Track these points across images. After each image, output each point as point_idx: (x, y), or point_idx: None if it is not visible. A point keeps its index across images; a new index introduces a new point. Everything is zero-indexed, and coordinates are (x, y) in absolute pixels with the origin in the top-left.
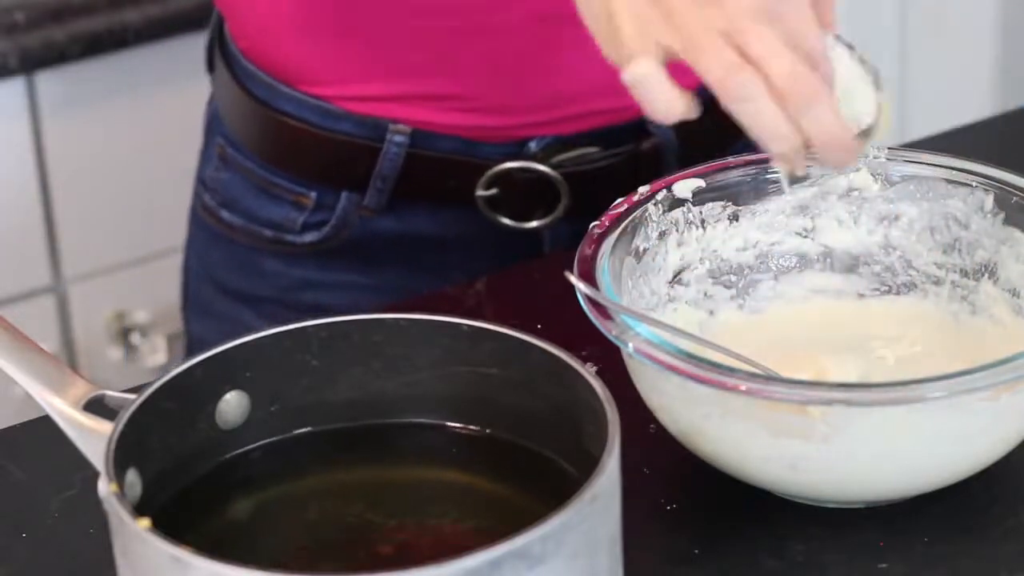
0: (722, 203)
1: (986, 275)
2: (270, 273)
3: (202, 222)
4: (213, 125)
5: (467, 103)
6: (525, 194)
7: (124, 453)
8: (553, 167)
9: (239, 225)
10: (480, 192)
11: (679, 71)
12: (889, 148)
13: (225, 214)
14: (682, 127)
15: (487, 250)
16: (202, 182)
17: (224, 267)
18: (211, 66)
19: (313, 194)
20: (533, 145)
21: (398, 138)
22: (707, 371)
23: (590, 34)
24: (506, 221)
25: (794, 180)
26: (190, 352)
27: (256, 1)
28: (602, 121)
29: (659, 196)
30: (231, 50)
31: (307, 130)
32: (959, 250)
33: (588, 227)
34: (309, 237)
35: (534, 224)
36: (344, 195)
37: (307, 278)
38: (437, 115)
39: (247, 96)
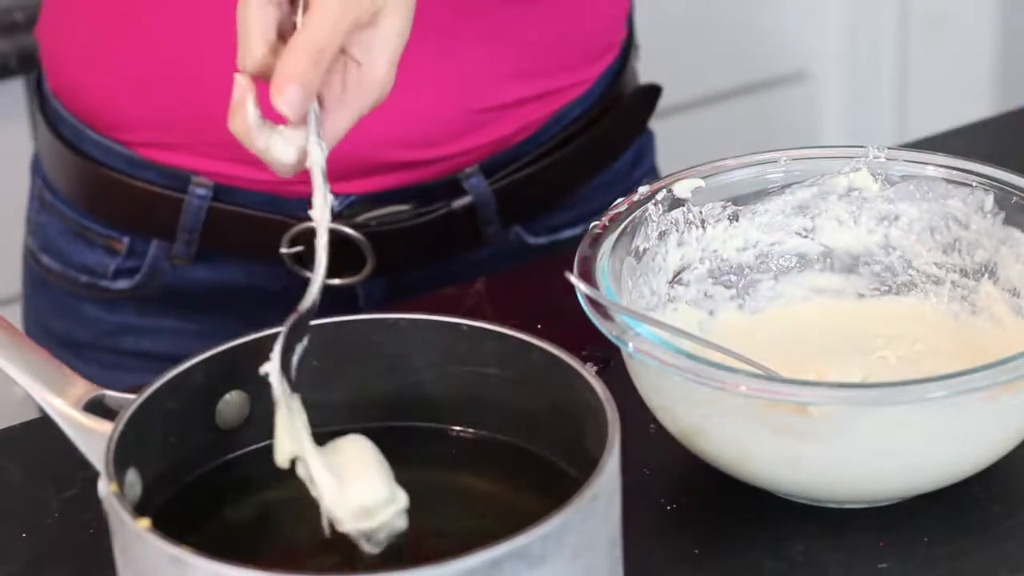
0: (722, 203)
1: (986, 275)
2: (89, 319)
3: (29, 266)
4: (35, 166)
5: None
6: (330, 252)
7: (124, 453)
8: (359, 226)
9: (57, 270)
10: (284, 249)
11: None
12: (889, 148)
13: (45, 258)
14: (502, 183)
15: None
16: (28, 224)
17: (47, 312)
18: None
19: (125, 240)
20: (336, 203)
21: (200, 191)
22: (707, 371)
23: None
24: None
25: None
26: None
27: (59, 40)
28: (410, 178)
29: (659, 196)
30: (44, 89)
31: (113, 177)
32: (959, 250)
33: (402, 283)
34: (121, 284)
35: (341, 282)
36: (154, 243)
37: (126, 323)
38: (235, 167)
39: (57, 139)
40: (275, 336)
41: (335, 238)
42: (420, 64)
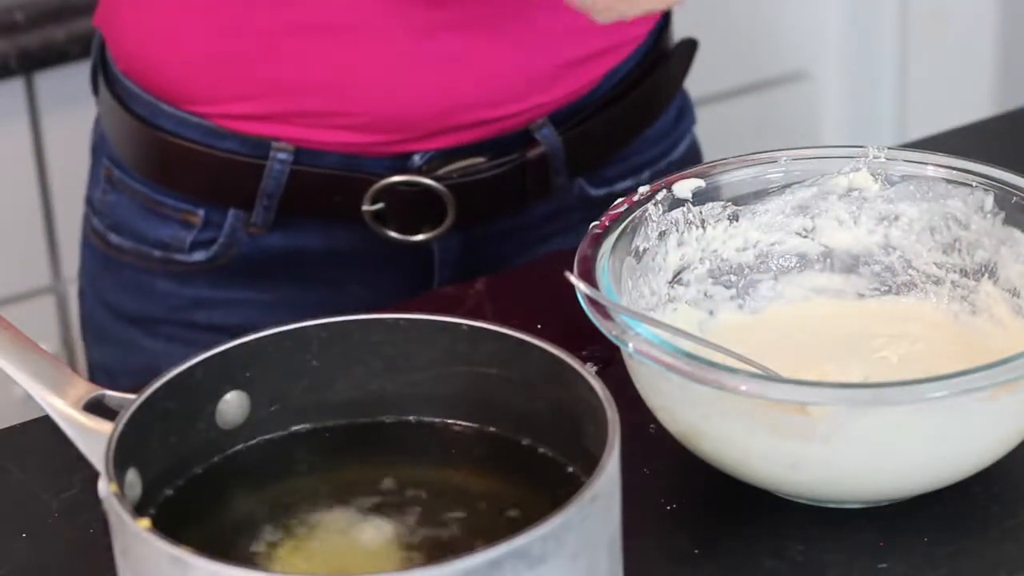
0: (722, 203)
1: (986, 275)
2: (162, 294)
3: (92, 246)
4: (99, 147)
5: (348, 119)
6: (411, 207)
7: (124, 453)
8: (438, 179)
9: (128, 247)
10: (366, 207)
11: None
12: (889, 148)
13: (114, 237)
14: (569, 133)
15: (378, 263)
16: (90, 205)
17: (116, 291)
18: (95, 88)
19: (201, 212)
20: (417, 158)
21: (281, 155)
22: (707, 371)
23: (468, 45)
24: (394, 235)
25: None
26: (93, 380)
27: (133, 22)
28: (487, 132)
29: (659, 196)
30: (112, 71)
31: (190, 148)
32: (959, 250)
33: (475, 237)
34: (198, 256)
35: (422, 237)
36: (231, 212)
37: (200, 297)
38: (319, 132)
39: (130, 116)
40: (275, 336)
41: (416, 191)
42: (498, 24)
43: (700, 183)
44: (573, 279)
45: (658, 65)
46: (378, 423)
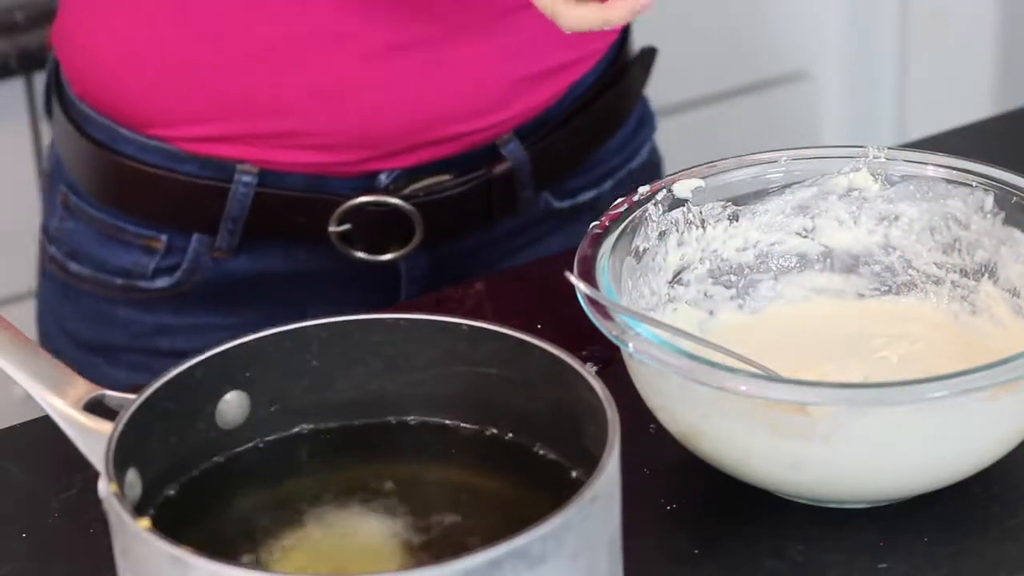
0: (722, 203)
1: (986, 275)
2: (124, 322)
3: (50, 275)
4: (55, 173)
5: (313, 139)
6: (378, 227)
7: (124, 453)
8: (405, 198)
9: (88, 275)
10: (332, 228)
11: None
12: (889, 148)
13: (73, 265)
14: (535, 147)
15: (343, 283)
16: (46, 233)
17: (76, 320)
18: (49, 111)
19: (163, 238)
20: (383, 177)
21: (246, 178)
22: (707, 371)
23: (432, 62)
24: (361, 255)
25: None
26: None
27: (91, 45)
28: (453, 148)
29: (659, 196)
30: (67, 94)
31: (151, 173)
32: (959, 250)
33: (443, 255)
34: (161, 282)
35: (389, 256)
36: (195, 237)
37: (162, 323)
38: (283, 153)
39: (87, 140)
40: (275, 336)
41: (384, 210)
42: (462, 40)
43: (700, 183)
44: (573, 279)
45: (620, 76)
46: (378, 423)
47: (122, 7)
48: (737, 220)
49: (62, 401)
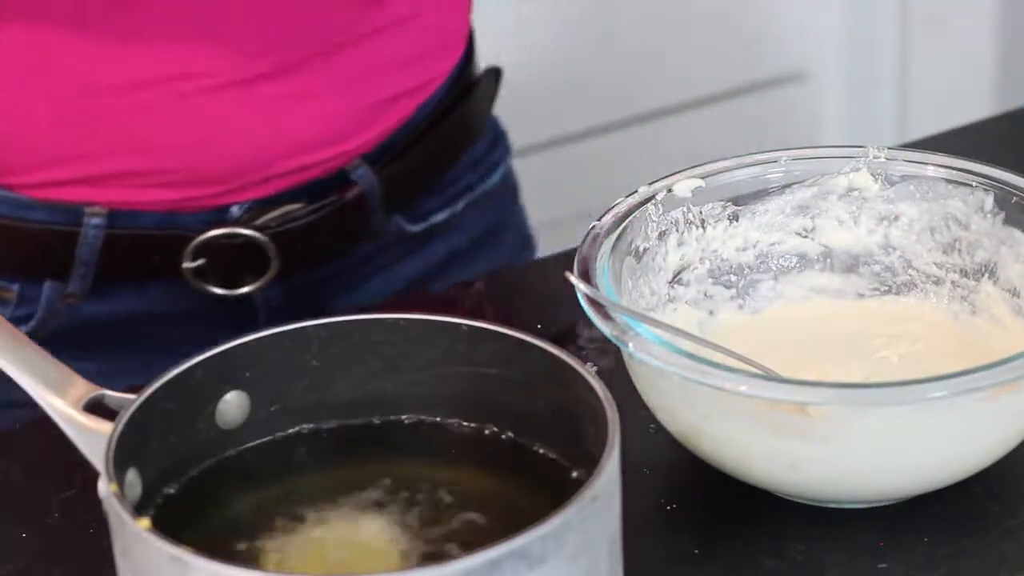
0: (722, 203)
1: (986, 275)
2: None
3: None
4: None
5: (160, 178)
6: (233, 260)
7: (124, 453)
8: (258, 229)
9: None
10: (186, 264)
11: None
12: (889, 148)
13: None
14: (384, 171)
15: (199, 320)
16: None
17: None
18: None
19: (15, 287)
20: (236, 210)
21: (95, 220)
22: (707, 371)
23: (282, 94)
24: (216, 290)
25: None
26: None
27: None
28: (304, 177)
29: (659, 196)
30: None
31: None
32: (959, 250)
33: (299, 286)
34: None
35: (245, 290)
36: (47, 284)
37: None
38: (133, 192)
39: None
40: (275, 336)
41: (237, 243)
42: (310, 70)
43: (700, 183)
44: (573, 279)
45: (465, 95)
46: (378, 423)
47: None
48: (737, 220)
49: (62, 401)
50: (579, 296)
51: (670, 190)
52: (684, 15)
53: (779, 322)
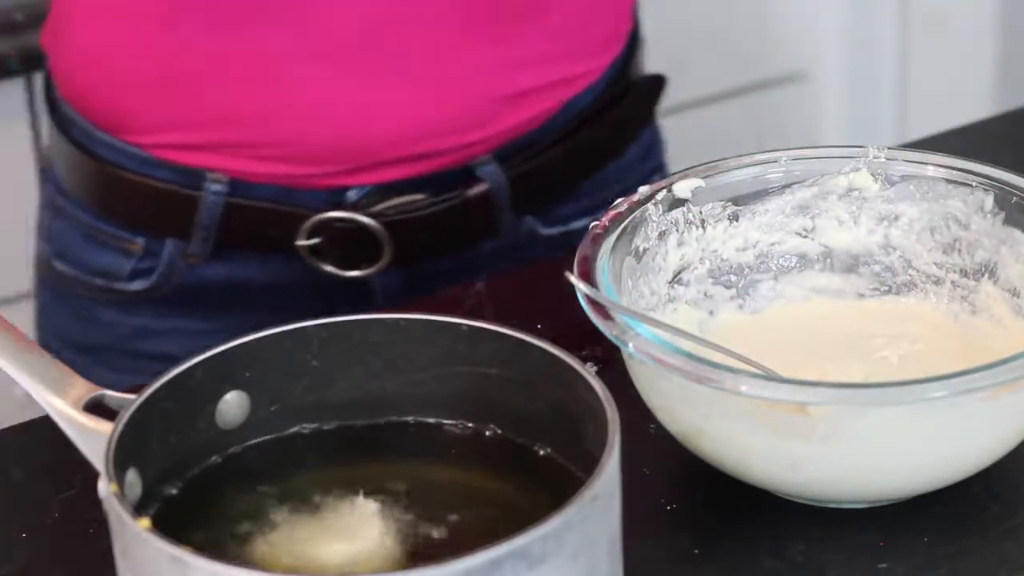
0: (722, 203)
1: (986, 275)
2: (106, 322)
3: (41, 273)
4: (47, 172)
5: (280, 150)
6: (347, 243)
7: (124, 453)
8: (374, 216)
9: (71, 275)
10: (301, 241)
11: None
12: (889, 148)
13: (58, 264)
14: (515, 171)
15: (316, 297)
16: (39, 230)
17: (63, 319)
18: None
19: (140, 241)
20: (352, 194)
21: (216, 187)
22: (707, 371)
23: (402, 76)
24: (330, 269)
25: None
26: None
27: (73, 46)
28: (425, 167)
29: (659, 196)
30: (55, 96)
31: (128, 178)
32: (959, 250)
33: (419, 274)
34: (138, 285)
35: (359, 273)
36: (169, 242)
37: (144, 326)
38: (252, 163)
39: (69, 143)
40: (275, 336)
41: (352, 228)
42: (438, 55)
43: (700, 183)
44: (573, 279)
45: (619, 100)
46: (378, 423)
47: (104, 11)
48: (737, 220)
49: (62, 401)
50: (579, 296)
51: (670, 190)
52: (684, 15)
53: (779, 322)
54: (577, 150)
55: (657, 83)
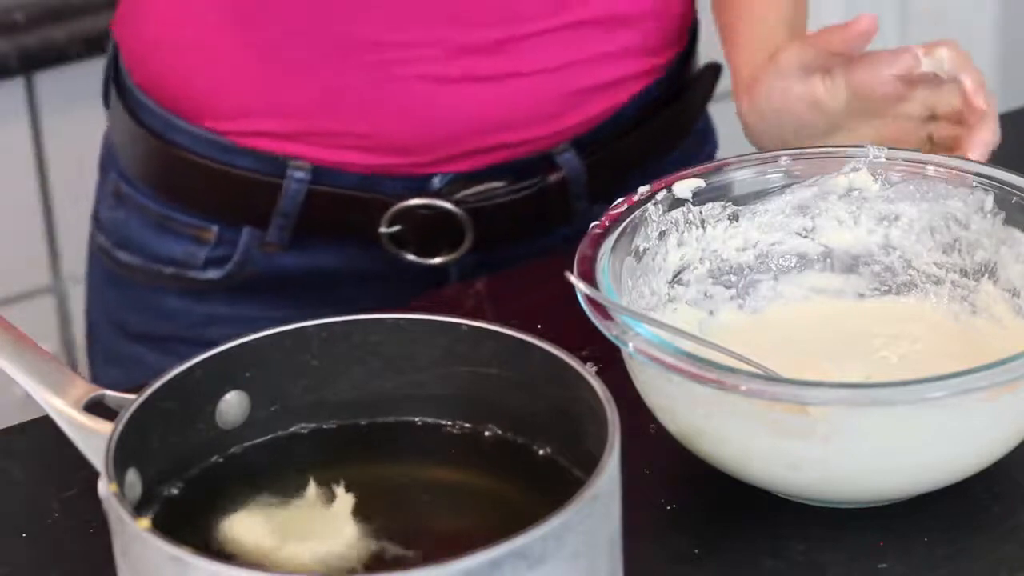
0: (722, 203)
1: (986, 275)
2: (173, 312)
3: (99, 263)
4: (108, 162)
5: (366, 140)
6: (429, 230)
7: (124, 453)
8: (457, 203)
9: (137, 265)
10: (383, 229)
11: None
12: (889, 148)
13: (122, 254)
14: (592, 158)
15: (394, 284)
16: (96, 222)
17: (124, 309)
18: (107, 101)
19: (214, 229)
20: (436, 181)
21: (299, 174)
22: (707, 371)
23: (488, 69)
24: (411, 257)
25: None
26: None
27: (155, 33)
28: (507, 155)
29: (659, 196)
30: (126, 83)
31: (205, 165)
32: (959, 250)
33: (495, 260)
34: (212, 273)
35: (439, 260)
36: (245, 230)
37: (213, 314)
38: (337, 152)
39: (143, 130)
40: (275, 336)
41: (435, 214)
42: (524, 49)
43: (700, 183)
44: (573, 279)
45: (683, 90)
46: (378, 423)
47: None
48: (737, 220)
49: (62, 401)
50: (579, 296)
51: (670, 190)
52: None
53: (779, 322)
54: (646, 138)
55: (715, 72)
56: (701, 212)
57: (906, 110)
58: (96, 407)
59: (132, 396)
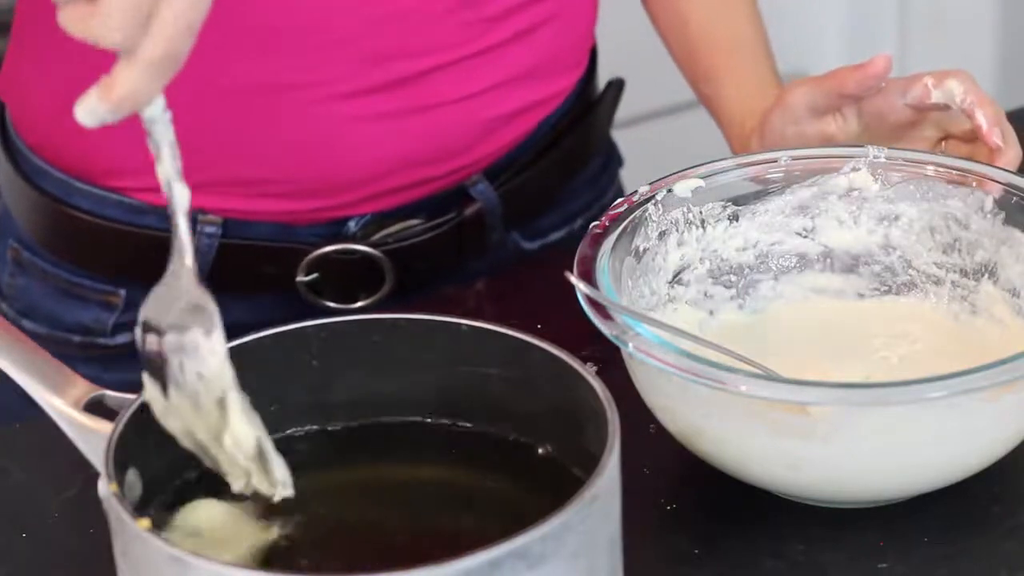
0: (722, 203)
1: (986, 275)
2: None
3: None
4: (4, 227)
5: (277, 187)
6: (348, 276)
7: (124, 453)
8: (375, 245)
9: (44, 333)
10: (300, 278)
11: None
12: (889, 148)
13: (27, 323)
14: (504, 187)
15: None
16: (1, 291)
17: None
18: None
19: (122, 292)
20: (352, 224)
21: (209, 229)
22: (707, 371)
23: (402, 105)
24: (330, 304)
25: None
26: None
27: (41, 93)
28: (422, 192)
29: (659, 196)
30: (18, 146)
31: (109, 227)
32: (959, 250)
33: (413, 304)
34: (122, 338)
35: (359, 305)
36: None
37: (124, 380)
38: (249, 201)
39: (39, 194)
40: (275, 336)
41: (353, 258)
42: (427, 84)
43: (700, 183)
44: (573, 279)
45: (588, 111)
46: (378, 423)
47: (73, 55)
48: (737, 220)
49: (62, 401)
50: (579, 296)
51: (670, 190)
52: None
53: (779, 322)
54: (556, 162)
55: (617, 89)
56: (701, 212)
57: (920, 133)
58: (96, 407)
59: (132, 396)
